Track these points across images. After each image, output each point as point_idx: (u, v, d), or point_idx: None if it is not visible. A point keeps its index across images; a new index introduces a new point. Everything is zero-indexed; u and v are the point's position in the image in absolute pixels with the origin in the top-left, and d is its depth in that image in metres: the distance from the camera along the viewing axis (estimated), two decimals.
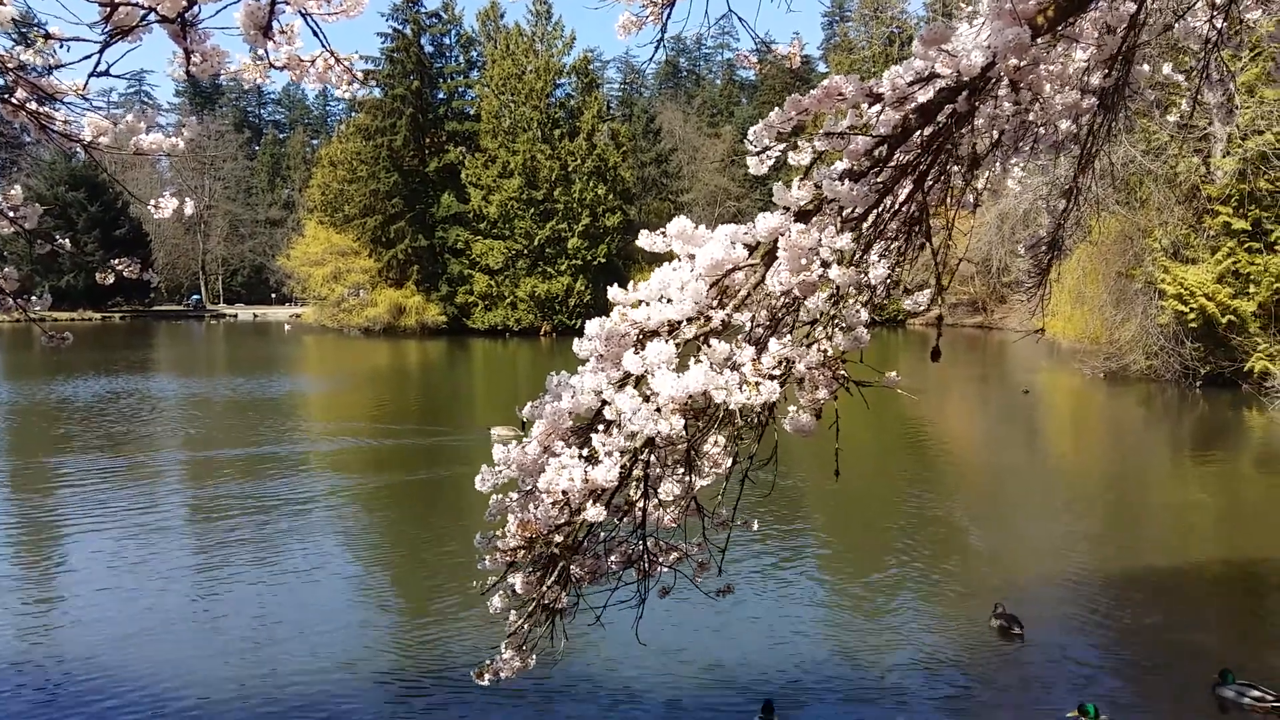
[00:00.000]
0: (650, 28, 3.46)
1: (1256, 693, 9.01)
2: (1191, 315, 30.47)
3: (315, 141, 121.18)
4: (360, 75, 2.95)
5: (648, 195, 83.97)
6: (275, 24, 2.64)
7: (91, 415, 28.18)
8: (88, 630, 11.16)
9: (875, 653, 10.63)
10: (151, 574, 13.25)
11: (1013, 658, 10.47)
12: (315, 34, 2.70)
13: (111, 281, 4.23)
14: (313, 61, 2.85)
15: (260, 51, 2.72)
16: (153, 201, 3.63)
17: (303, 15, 2.69)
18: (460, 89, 75.53)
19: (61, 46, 2.92)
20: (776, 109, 3.43)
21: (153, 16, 2.54)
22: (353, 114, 78.25)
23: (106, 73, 2.72)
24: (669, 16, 3.41)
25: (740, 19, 3.58)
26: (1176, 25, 4.37)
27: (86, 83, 2.97)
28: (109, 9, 2.51)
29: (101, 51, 2.62)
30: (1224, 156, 30.56)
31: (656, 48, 3.51)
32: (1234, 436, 25.22)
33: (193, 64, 2.71)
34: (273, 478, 19.42)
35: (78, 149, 3.60)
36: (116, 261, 4.28)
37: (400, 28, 72.18)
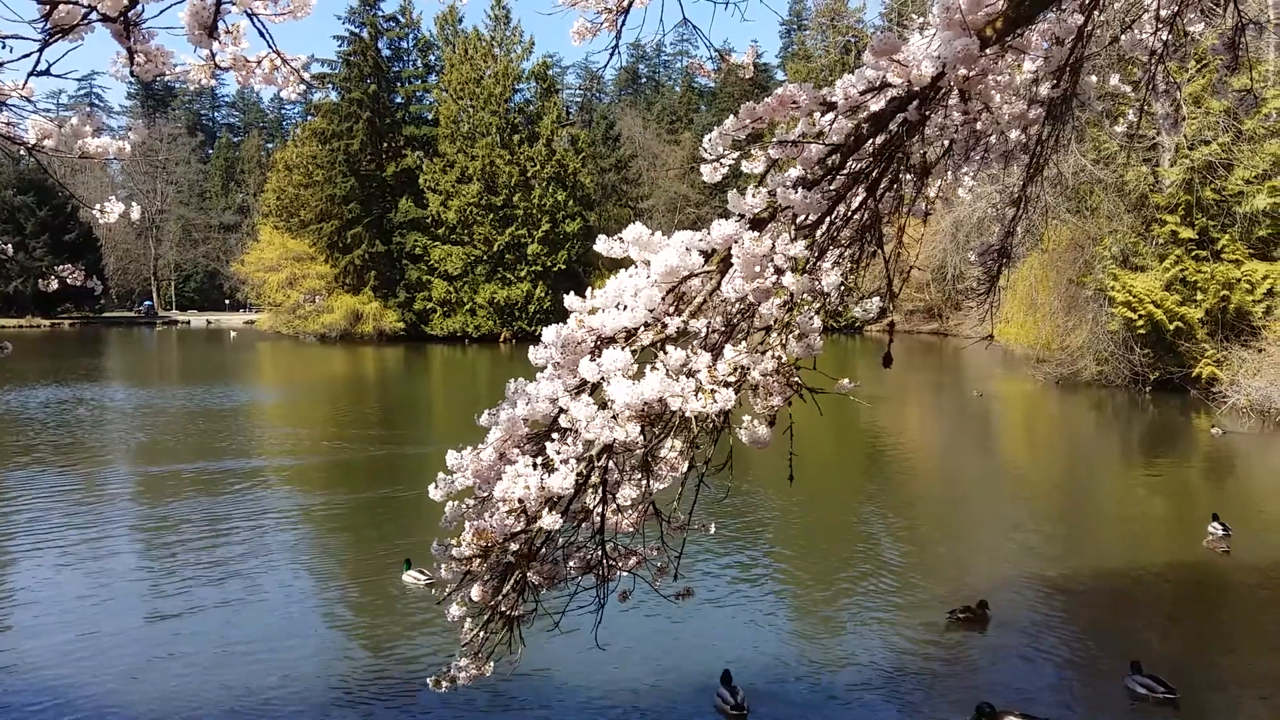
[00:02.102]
0: (605, 34, 3.47)
1: (1145, 679, 9.44)
2: (1140, 322, 31.09)
3: (270, 145, 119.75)
4: (307, 77, 2.91)
5: (608, 201, 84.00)
6: (221, 24, 2.60)
7: (38, 426, 27.57)
8: (36, 650, 10.88)
9: (829, 651, 10.80)
10: (103, 593, 12.93)
11: (958, 655, 10.67)
12: (261, 34, 2.67)
13: (55, 288, 4.13)
14: (259, 63, 2.80)
15: (206, 52, 2.67)
16: (98, 206, 3.55)
17: (249, 15, 2.65)
18: (418, 93, 75.12)
19: (2, 46, 2.85)
20: (731, 116, 3.45)
21: (94, 15, 2.49)
22: (308, 118, 77.47)
23: (47, 72, 2.66)
24: (623, 24, 3.41)
25: (695, 27, 3.60)
26: (1123, 37, 4.45)
27: (26, 82, 2.90)
28: (48, 7, 2.46)
29: (41, 50, 2.56)
30: (1171, 166, 31.27)
31: (611, 54, 3.51)
32: (1182, 442, 25.75)
33: (136, 64, 2.66)
34: (226, 493, 19.12)
35: (21, 152, 3.52)
36: (61, 268, 4.19)
37: (357, 31, 71.58)
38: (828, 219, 3.45)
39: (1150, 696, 9.38)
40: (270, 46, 2.76)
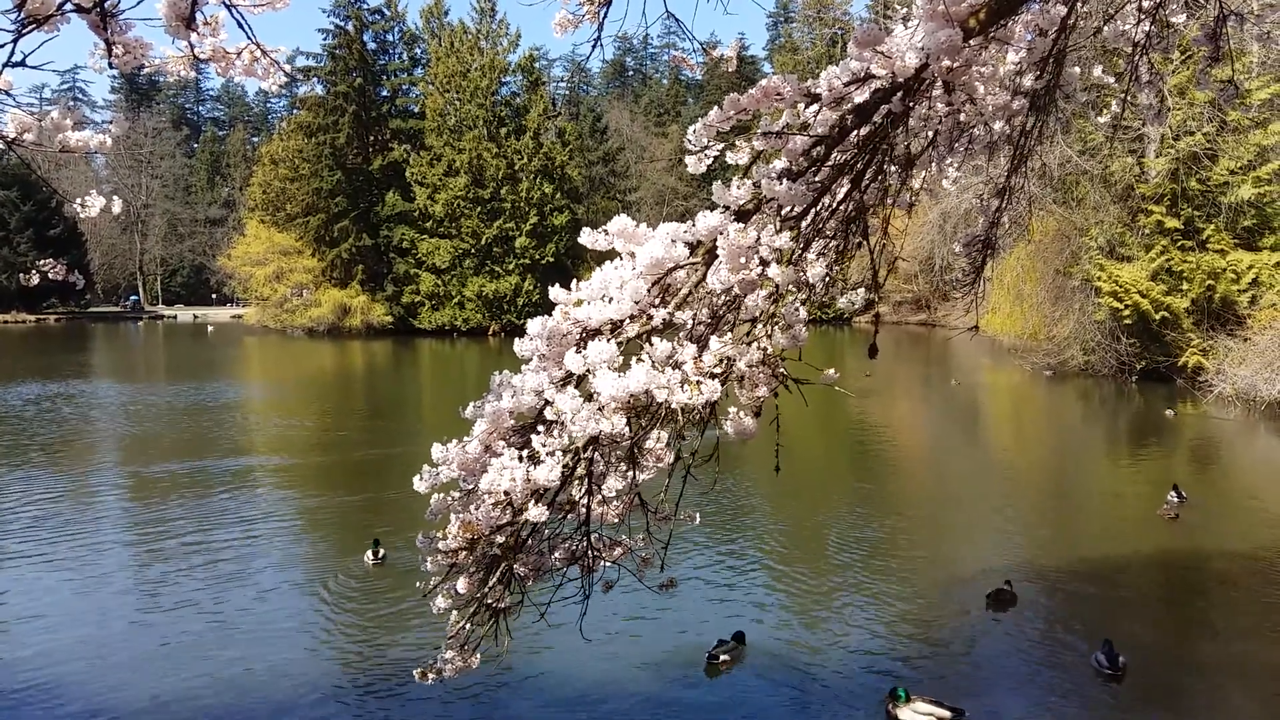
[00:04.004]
0: (588, 26, 3.45)
1: (1101, 655, 9.74)
2: (1126, 312, 31.21)
3: (256, 139, 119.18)
4: (288, 68, 2.89)
5: (595, 194, 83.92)
6: (199, 15, 2.58)
7: (23, 423, 27.40)
8: (25, 647, 10.82)
9: (814, 641, 10.85)
10: (90, 589, 12.86)
11: (946, 648, 10.75)
12: (240, 25, 2.64)
13: (37, 282, 4.10)
14: (239, 54, 2.78)
15: (185, 44, 2.65)
16: (79, 200, 3.52)
17: (227, 6, 2.63)
18: (404, 86, 74.85)
19: None
20: (716, 108, 3.44)
21: (68, 5, 2.46)
22: (294, 111, 77.11)
23: (22, 64, 2.63)
24: (606, 15, 3.40)
25: (678, 20, 3.59)
26: (1106, 28, 4.46)
27: (0, 74, 2.87)
28: None
29: (15, 42, 2.53)
30: (1156, 157, 31.40)
31: (594, 46, 3.50)
32: (1168, 432, 25.87)
33: (115, 56, 2.64)
34: (215, 491, 19.04)
35: (0, 146, 3.48)
36: (42, 262, 4.15)
37: (342, 24, 71.27)
38: (813, 210, 3.46)
39: (1098, 671, 9.68)
40: (249, 38, 2.74)
